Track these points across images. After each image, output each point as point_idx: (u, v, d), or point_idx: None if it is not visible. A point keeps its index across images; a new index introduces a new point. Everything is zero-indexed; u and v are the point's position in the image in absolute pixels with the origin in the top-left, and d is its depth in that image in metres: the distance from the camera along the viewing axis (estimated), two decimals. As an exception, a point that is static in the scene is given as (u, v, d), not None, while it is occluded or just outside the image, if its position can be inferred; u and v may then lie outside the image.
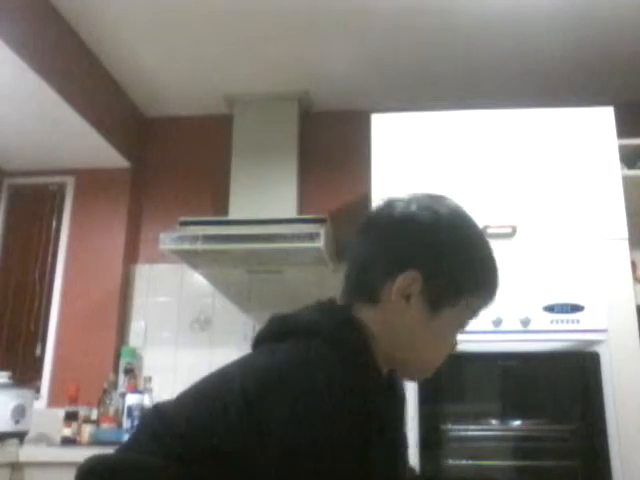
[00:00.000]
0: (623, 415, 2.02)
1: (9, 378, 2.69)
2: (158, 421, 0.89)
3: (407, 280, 0.91)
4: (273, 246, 2.65)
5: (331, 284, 2.66)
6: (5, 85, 2.55)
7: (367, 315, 0.93)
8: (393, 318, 0.93)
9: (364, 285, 0.96)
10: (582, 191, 2.26)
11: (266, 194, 3.04)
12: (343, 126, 3.29)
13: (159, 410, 0.92)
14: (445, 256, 0.93)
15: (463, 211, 0.98)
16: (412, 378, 1.03)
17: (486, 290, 0.96)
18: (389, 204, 0.98)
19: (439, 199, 0.98)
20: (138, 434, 0.91)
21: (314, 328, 0.89)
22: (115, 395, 2.82)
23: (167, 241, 2.69)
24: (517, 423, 2.22)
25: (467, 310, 0.96)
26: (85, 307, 3.12)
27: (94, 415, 2.74)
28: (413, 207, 0.96)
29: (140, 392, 2.77)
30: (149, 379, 2.83)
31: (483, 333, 2.12)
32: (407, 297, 0.92)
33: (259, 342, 0.96)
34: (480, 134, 2.38)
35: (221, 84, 3.15)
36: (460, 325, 0.98)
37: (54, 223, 3.29)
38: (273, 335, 0.93)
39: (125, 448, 0.89)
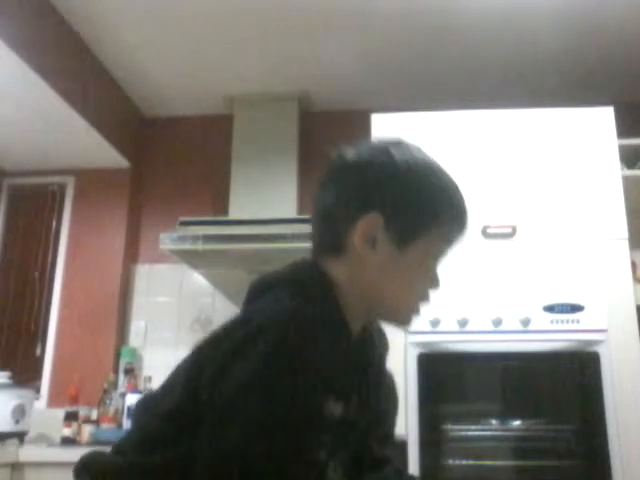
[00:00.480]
0: (623, 415, 2.02)
1: (9, 378, 2.70)
2: (143, 414, 0.90)
3: (369, 224, 0.89)
4: (273, 246, 2.65)
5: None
6: (5, 85, 2.56)
7: (334, 269, 0.91)
8: (361, 266, 0.90)
9: (328, 238, 0.94)
10: (582, 191, 2.26)
11: (266, 194, 3.04)
12: (343, 126, 3.28)
13: (145, 401, 0.92)
14: (402, 191, 0.90)
15: (418, 148, 0.96)
16: (398, 323, 0.97)
17: (452, 217, 0.93)
18: (342, 153, 0.97)
19: (393, 141, 0.96)
20: (130, 431, 0.91)
21: (281, 283, 0.90)
22: (115, 395, 2.82)
23: (167, 241, 2.69)
24: (517, 423, 2.22)
25: (438, 241, 0.93)
26: (85, 307, 3.12)
27: (94, 415, 2.74)
28: (365, 150, 0.95)
29: (140, 392, 2.77)
30: (149, 379, 2.83)
31: (483, 333, 2.13)
32: (372, 241, 0.89)
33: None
34: (480, 134, 2.38)
35: (221, 84, 3.15)
36: (435, 257, 0.94)
37: (54, 223, 3.29)
38: (249, 298, 0.94)
39: (119, 448, 0.89)
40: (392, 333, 1.05)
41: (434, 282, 0.95)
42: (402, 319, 0.96)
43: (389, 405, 1.05)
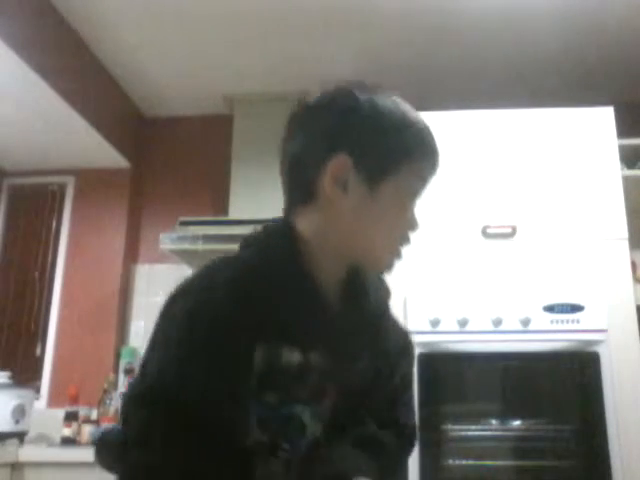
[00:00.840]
0: (623, 415, 2.02)
1: (9, 378, 2.70)
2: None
3: (337, 166, 0.87)
4: (273, 246, 2.65)
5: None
6: (5, 85, 2.55)
7: (304, 221, 0.91)
8: (333, 212, 0.89)
9: (298, 187, 0.93)
10: (582, 191, 2.26)
11: (266, 194, 3.04)
12: (343, 126, 3.28)
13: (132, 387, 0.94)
14: (367, 128, 0.89)
15: (385, 90, 0.95)
16: (379, 269, 0.95)
17: (422, 154, 0.92)
18: (304, 99, 0.97)
19: (357, 84, 0.94)
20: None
21: (252, 242, 0.91)
22: (115, 395, 2.82)
23: (167, 241, 2.70)
24: (517, 423, 2.22)
25: (410, 177, 0.90)
26: (85, 307, 3.12)
27: (94, 415, 2.74)
28: (327, 93, 0.94)
29: (140, 392, 2.77)
30: (149, 379, 2.83)
31: (483, 333, 2.13)
32: (343, 184, 0.87)
33: None
34: (480, 134, 2.38)
35: (221, 84, 3.15)
36: (409, 196, 0.92)
37: (54, 223, 3.29)
38: None
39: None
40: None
41: (412, 223, 0.93)
42: (382, 265, 0.94)
43: (397, 359, 1.01)
